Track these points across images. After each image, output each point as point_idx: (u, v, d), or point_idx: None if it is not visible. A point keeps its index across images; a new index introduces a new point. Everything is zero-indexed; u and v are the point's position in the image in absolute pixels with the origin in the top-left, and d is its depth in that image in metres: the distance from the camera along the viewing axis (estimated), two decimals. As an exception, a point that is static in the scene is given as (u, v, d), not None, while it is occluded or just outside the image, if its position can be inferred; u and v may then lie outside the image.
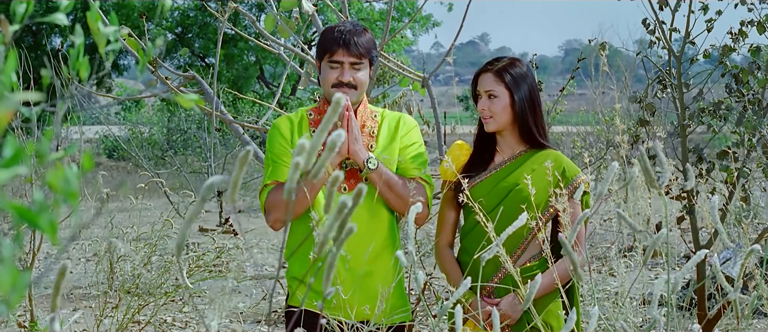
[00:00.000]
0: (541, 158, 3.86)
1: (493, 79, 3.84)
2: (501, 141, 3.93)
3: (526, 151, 3.90)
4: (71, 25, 27.29)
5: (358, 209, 3.77)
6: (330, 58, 3.83)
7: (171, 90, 5.59)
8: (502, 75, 3.83)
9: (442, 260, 3.98)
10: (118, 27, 3.82)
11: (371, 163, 3.75)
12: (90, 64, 5.94)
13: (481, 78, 3.89)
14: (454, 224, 4.02)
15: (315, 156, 1.66)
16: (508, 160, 3.89)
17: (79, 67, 1.21)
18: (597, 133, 11.95)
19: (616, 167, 2.18)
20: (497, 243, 2.35)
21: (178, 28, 28.74)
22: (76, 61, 1.22)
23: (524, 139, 3.88)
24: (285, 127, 3.94)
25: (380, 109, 4.04)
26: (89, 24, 1.24)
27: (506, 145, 3.92)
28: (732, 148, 5.16)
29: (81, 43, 1.26)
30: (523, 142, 3.90)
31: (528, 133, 3.86)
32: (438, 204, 4.16)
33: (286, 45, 5.50)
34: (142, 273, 7.31)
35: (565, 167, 3.84)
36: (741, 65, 5.41)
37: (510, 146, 3.91)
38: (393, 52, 25.18)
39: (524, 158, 3.88)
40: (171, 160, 13.84)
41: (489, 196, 3.79)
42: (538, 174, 3.75)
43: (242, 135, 5.70)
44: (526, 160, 3.88)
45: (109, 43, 1.36)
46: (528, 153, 3.89)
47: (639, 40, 20.02)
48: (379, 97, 7.37)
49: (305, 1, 5.15)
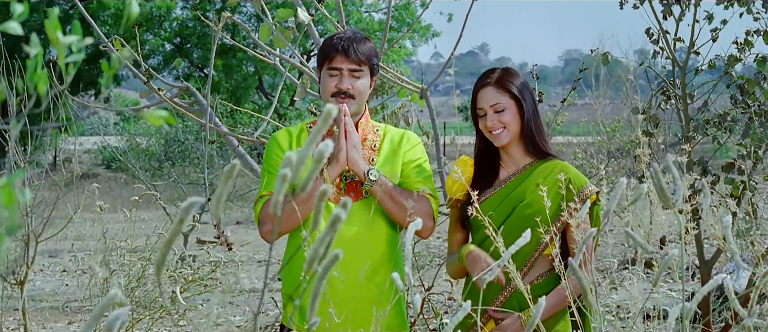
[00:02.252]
0: (547, 170, 3.75)
1: (495, 92, 3.72)
2: (505, 157, 3.81)
3: (532, 164, 3.78)
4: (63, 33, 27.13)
5: (355, 223, 3.69)
6: (329, 65, 3.73)
7: (164, 101, 5.49)
8: (505, 85, 3.72)
9: (452, 264, 3.86)
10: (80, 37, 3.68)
11: (372, 175, 3.64)
12: (89, 74, 5.75)
13: (481, 94, 3.75)
14: (462, 241, 3.90)
15: (303, 168, 1.55)
16: (513, 175, 3.77)
17: (36, 80, 1.10)
18: (598, 145, 11.84)
19: (624, 184, 2.06)
20: (499, 264, 2.23)
21: (177, 38, 28.67)
22: (33, 73, 1.11)
23: (529, 149, 3.76)
24: (283, 140, 3.84)
25: (383, 125, 3.94)
26: (48, 33, 1.14)
27: (510, 160, 3.80)
28: (738, 161, 5.04)
29: (38, 54, 1.15)
30: (528, 154, 3.78)
31: (533, 142, 3.75)
32: (442, 219, 4.05)
33: (281, 55, 5.40)
34: (136, 286, 7.22)
35: (571, 178, 3.71)
36: (743, 75, 5.30)
37: (514, 160, 3.79)
38: (393, 62, 25.10)
39: (529, 171, 3.76)
40: (168, 171, 13.73)
41: (496, 212, 3.67)
42: (546, 187, 3.65)
43: (237, 147, 5.61)
44: (532, 172, 3.75)
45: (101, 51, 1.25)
46: (533, 165, 3.77)
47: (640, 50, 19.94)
48: (378, 108, 7.27)
49: (301, 10, 5.07)
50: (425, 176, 3.80)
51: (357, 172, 3.67)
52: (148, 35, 28.04)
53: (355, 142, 3.67)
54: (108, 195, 17.92)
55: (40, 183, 6.86)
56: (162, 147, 17.92)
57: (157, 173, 16.07)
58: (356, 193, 3.74)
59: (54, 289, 10.60)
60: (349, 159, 3.64)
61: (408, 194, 3.67)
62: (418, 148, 3.87)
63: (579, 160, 11.54)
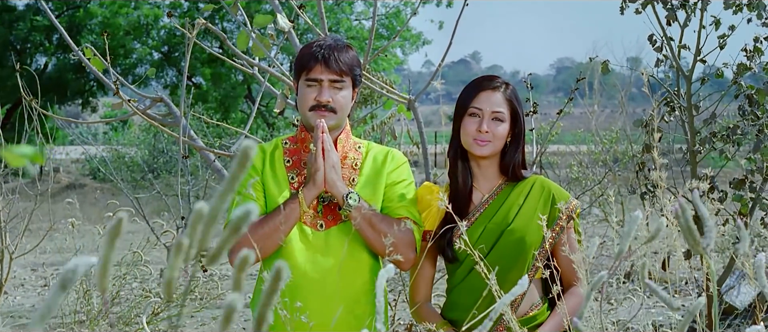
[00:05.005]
0: (525, 187, 3.44)
1: (503, 101, 3.42)
2: (478, 173, 3.48)
3: (507, 183, 3.46)
4: (55, 44, 26.94)
5: (334, 250, 3.37)
6: (307, 76, 3.41)
7: (137, 113, 5.19)
8: (510, 98, 3.43)
9: (425, 316, 3.49)
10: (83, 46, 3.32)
11: (352, 199, 3.31)
12: (76, 83, 5.40)
13: (487, 95, 3.42)
14: (432, 279, 3.57)
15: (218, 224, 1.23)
16: (489, 198, 3.44)
17: None
18: (595, 157, 11.52)
19: (640, 217, 1.74)
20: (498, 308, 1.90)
21: (165, 46, 28.35)
22: None
23: (504, 170, 3.45)
24: (256, 158, 3.51)
25: (366, 141, 3.61)
26: None
27: (484, 179, 3.48)
28: (749, 177, 4.72)
29: None
30: (501, 174, 3.46)
31: (514, 165, 3.44)
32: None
33: (260, 64, 5.11)
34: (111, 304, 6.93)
35: (553, 193, 3.40)
36: (752, 85, 4.97)
37: (488, 179, 3.48)
38: (383, 70, 24.78)
39: (506, 191, 3.44)
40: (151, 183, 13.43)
41: (479, 242, 3.34)
42: (528, 207, 3.35)
43: (213, 162, 5.31)
44: (510, 193, 3.44)
45: None
46: (509, 185, 3.46)
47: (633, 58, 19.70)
48: (367, 118, 6.98)
49: (281, 16, 4.79)
50: (409, 201, 3.46)
51: (335, 195, 3.34)
52: (135, 44, 27.73)
53: (334, 162, 3.34)
54: (94, 206, 17.61)
55: (13, 197, 6.62)
56: (145, 158, 17.61)
57: (140, 185, 15.74)
58: (335, 217, 3.42)
59: (34, 304, 10.30)
60: (327, 180, 3.32)
61: (389, 222, 3.34)
62: (403, 169, 3.53)
63: (575, 172, 11.20)
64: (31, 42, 26.99)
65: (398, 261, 3.28)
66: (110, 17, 26.63)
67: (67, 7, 27.18)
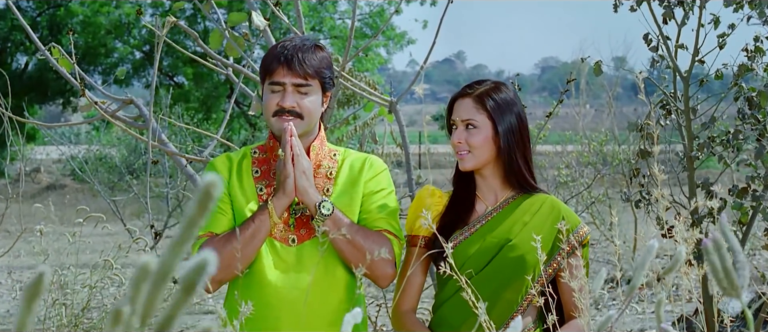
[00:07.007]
0: (534, 205, 3.16)
1: (472, 106, 3.14)
2: (481, 183, 3.22)
3: (515, 198, 3.19)
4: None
5: (309, 267, 3.10)
6: (270, 80, 3.14)
7: (105, 117, 4.94)
8: (484, 101, 3.13)
9: (410, 327, 3.22)
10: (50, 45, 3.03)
11: (325, 208, 3.05)
12: (57, 83, 5.10)
13: (458, 104, 3.18)
14: (421, 288, 3.29)
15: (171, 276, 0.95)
16: (494, 211, 3.17)
17: None
18: (584, 160, 11.28)
19: (656, 247, 1.49)
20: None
21: (146, 46, 28.05)
22: None
23: (510, 182, 3.18)
24: (222, 167, 3.25)
25: (342, 148, 3.34)
26: None
27: (488, 189, 3.21)
28: (752, 185, 4.46)
29: None
30: (509, 186, 3.19)
31: (516, 174, 3.16)
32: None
33: (234, 65, 4.87)
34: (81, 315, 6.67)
35: (563, 216, 3.13)
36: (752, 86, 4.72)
37: (492, 190, 3.21)
38: (366, 71, 24.50)
39: (513, 206, 3.17)
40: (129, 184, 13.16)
41: (476, 256, 3.08)
42: (533, 226, 3.07)
43: (185, 167, 5.06)
44: (516, 208, 3.16)
45: None
46: (517, 199, 3.18)
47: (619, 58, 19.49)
48: (350, 119, 6.74)
49: (256, 15, 4.54)
50: (389, 212, 3.19)
51: (307, 204, 3.08)
52: (116, 43, 27.43)
53: (305, 168, 3.06)
54: (73, 207, 17.32)
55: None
56: (126, 158, 17.32)
57: (118, 186, 15.45)
58: (308, 231, 3.16)
59: (9, 310, 10.05)
60: (298, 188, 3.05)
61: (366, 234, 3.08)
62: (383, 177, 3.26)
63: (563, 177, 10.92)
64: (11, 41, 26.67)
65: (375, 278, 3.09)
66: (91, 16, 26.30)
67: (49, 6, 26.87)
